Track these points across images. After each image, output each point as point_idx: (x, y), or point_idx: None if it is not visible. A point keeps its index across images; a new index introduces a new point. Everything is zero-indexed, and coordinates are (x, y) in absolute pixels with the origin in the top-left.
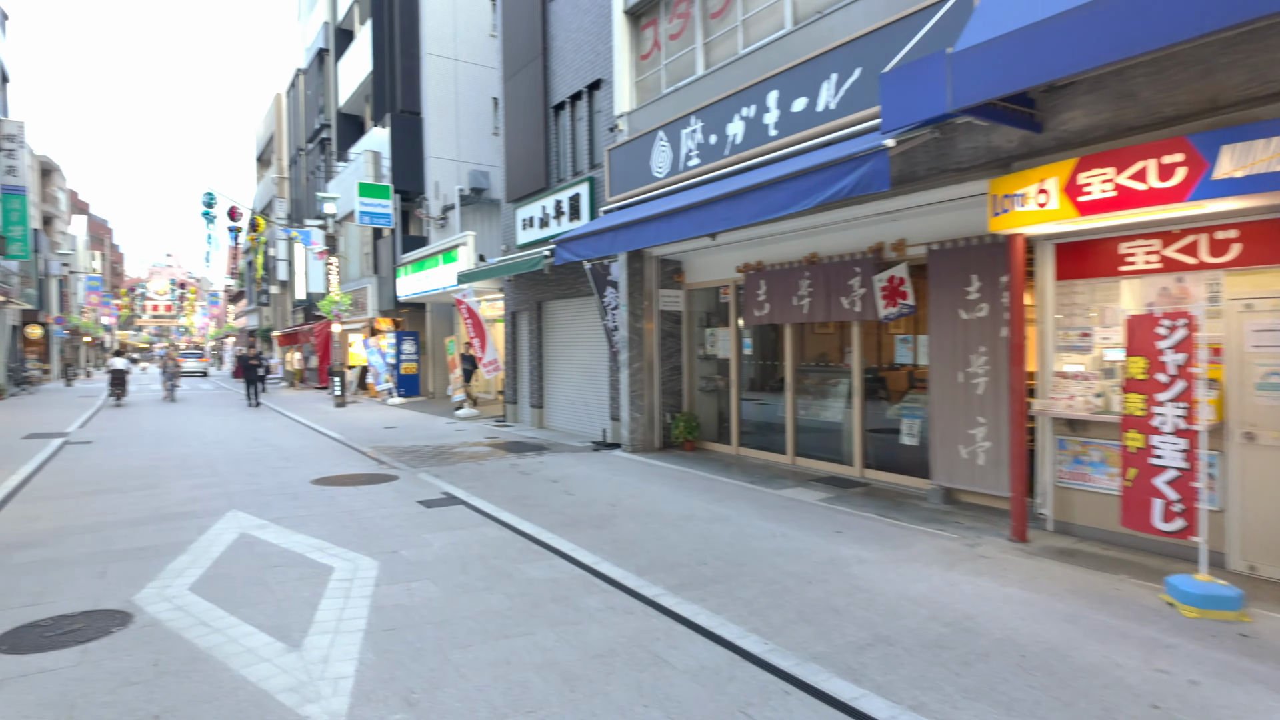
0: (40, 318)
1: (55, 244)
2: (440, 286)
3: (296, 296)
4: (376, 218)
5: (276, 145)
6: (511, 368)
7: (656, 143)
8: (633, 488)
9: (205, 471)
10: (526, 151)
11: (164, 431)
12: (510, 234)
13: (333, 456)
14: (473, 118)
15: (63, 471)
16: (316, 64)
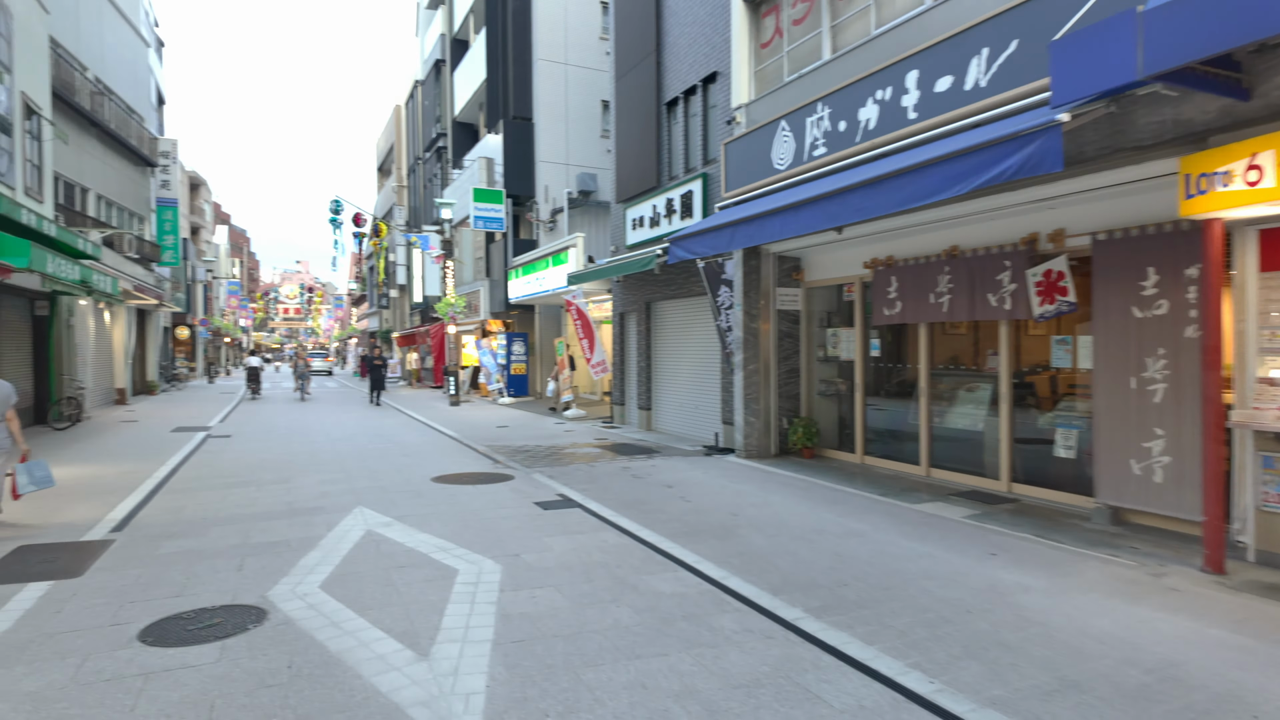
0: (188, 320)
1: (201, 252)
2: (550, 288)
3: (414, 300)
4: (490, 222)
5: (396, 155)
6: (619, 369)
7: (778, 133)
8: (753, 496)
9: (333, 467)
10: (637, 150)
11: (294, 427)
12: (619, 234)
13: (450, 454)
14: (582, 121)
15: (204, 464)
16: (433, 75)
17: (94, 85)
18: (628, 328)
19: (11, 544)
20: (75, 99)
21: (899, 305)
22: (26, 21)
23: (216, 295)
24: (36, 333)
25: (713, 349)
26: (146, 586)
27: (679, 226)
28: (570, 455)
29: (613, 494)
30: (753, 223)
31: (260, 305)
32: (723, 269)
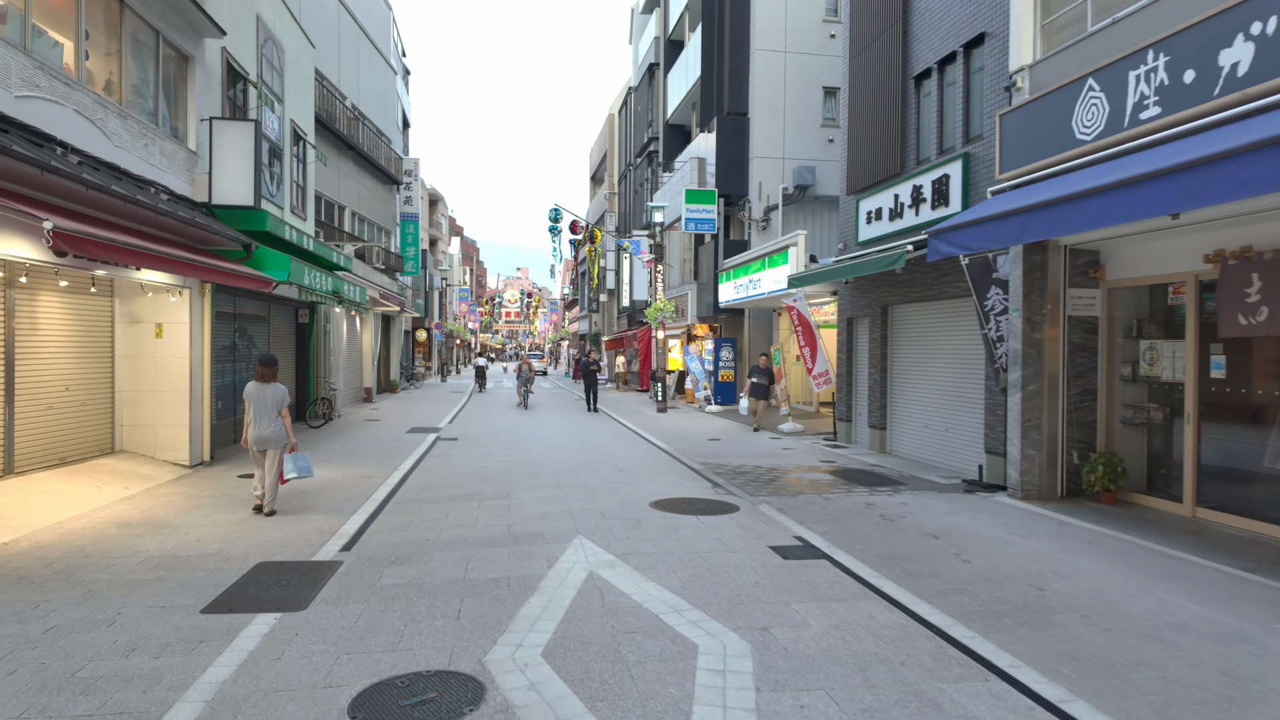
0: (425, 323)
1: (438, 261)
2: (765, 291)
3: (622, 304)
4: (701, 224)
5: (608, 163)
6: (845, 381)
7: (1082, 96)
8: (1054, 560)
9: (549, 481)
10: (876, 133)
11: (513, 432)
12: (849, 229)
13: (664, 472)
14: (799, 112)
15: (432, 471)
16: (646, 79)
17: (351, 112)
18: (857, 335)
19: (254, 560)
20: (335, 125)
21: (1264, 311)
22: (296, 56)
23: (450, 300)
24: (299, 338)
25: (972, 361)
26: (364, 633)
27: (931, 217)
28: (797, 482)
29: (862, 541)
30: (1055, 208)
31: (487, 309)
32: (994, 265)
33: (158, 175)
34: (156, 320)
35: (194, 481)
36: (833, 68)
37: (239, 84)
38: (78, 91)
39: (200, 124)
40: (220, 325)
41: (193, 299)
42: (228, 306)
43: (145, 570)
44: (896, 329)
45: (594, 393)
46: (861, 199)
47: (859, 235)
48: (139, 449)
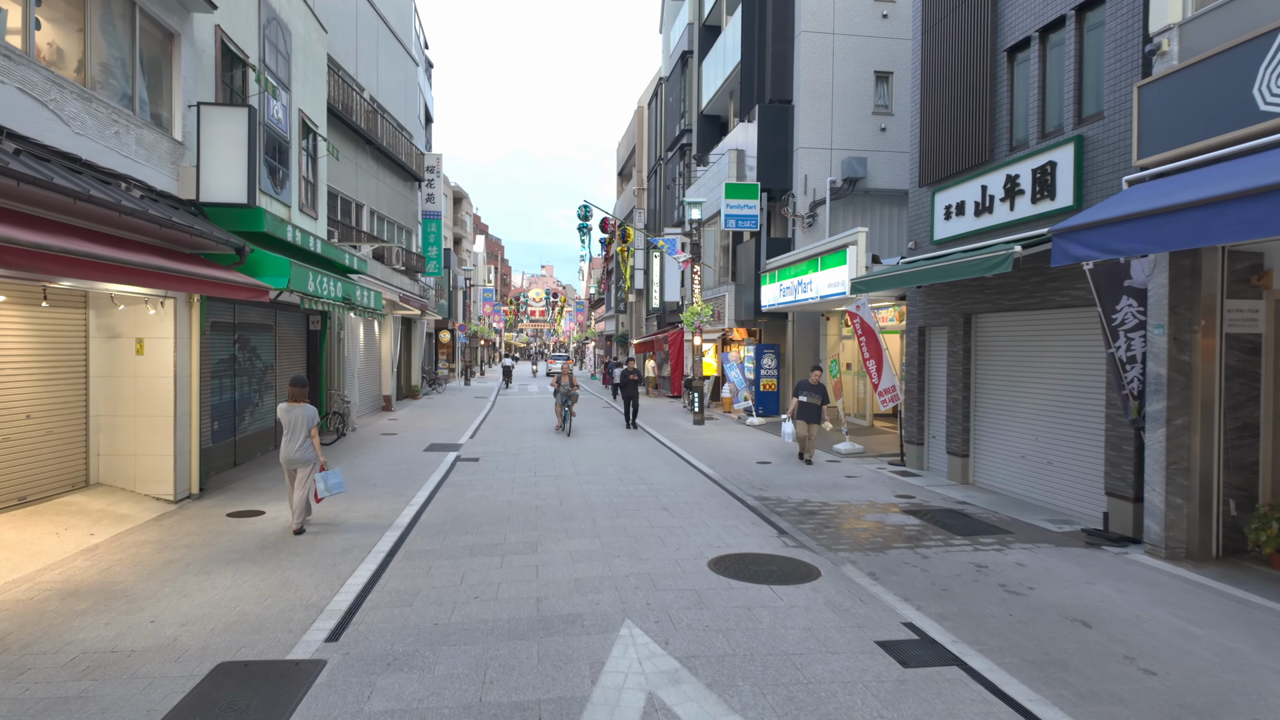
0: (449, 325)
1: (462, 261)
2: (818, 295)
3: (651, 305)
4: (742, 220)
5: (637, 158)
6: (915, 399)
7: (1271, 55)
8: (1257, 670)
9: (584, 524)
10: (956, 116)
11: (539, 450)
12: (921, 226)
13: (716, 510)
14: (849, 98)
15: (449, 505)
16: (679, 68)
17: (369, 105)
18: (931, 347)
19: (213, 657)
20: (352, 118)
21: None
22: (305, 40)
23: (474, 301)
24: (310, 347)
25: (1086, 384)
26: None
27: (1032, 213)
28: (876, 528)
29: (994, 632)
30: (1261, 200)
31: (511, 309)
32: (1127, 271)
33: (133, 169)
34: (137, 335)
35: (175, 523)
36: (885, 50)
37: (237, 69)
38: (23, 67)
39: (187, 111)
40: (217, 337)
41: (178, 310)
42: (226, 316)
43: (68, 678)
44: (984, 341)
45: (634, 406)
46: (938, 192)
47: (934, 233)
48: (118, 481)
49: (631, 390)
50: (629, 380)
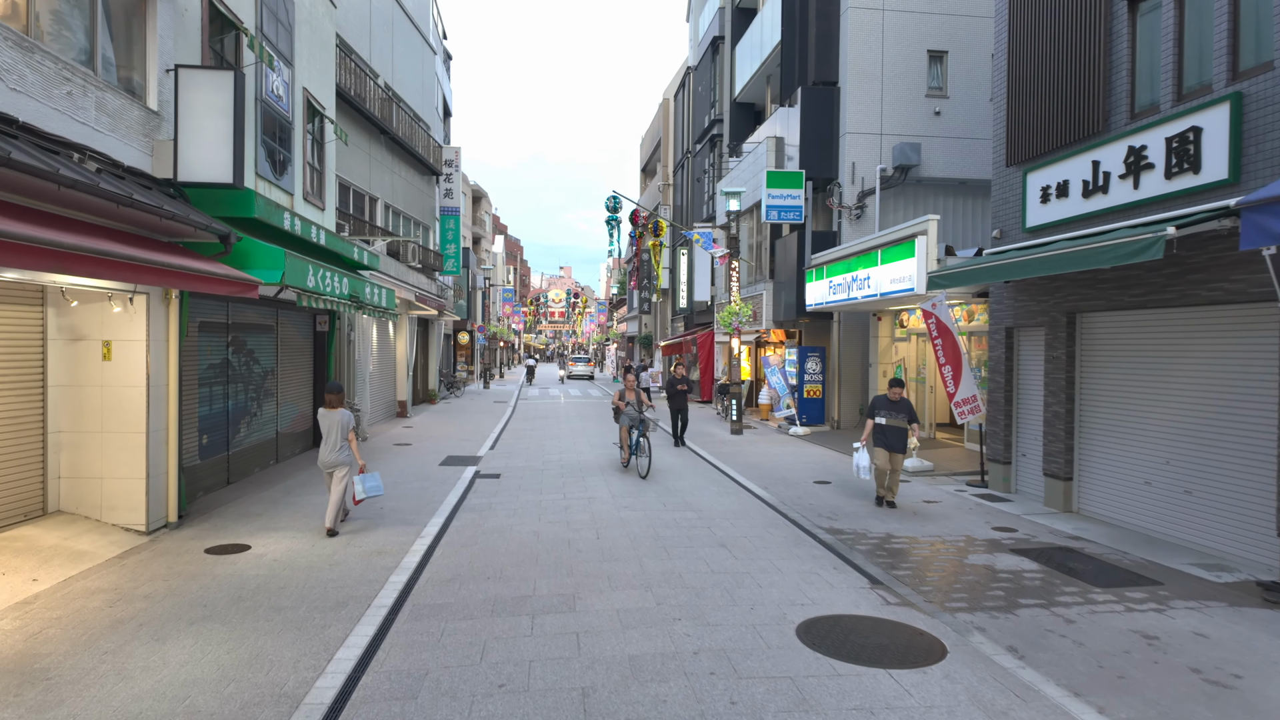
0: (467, 326)
1: (481, 261)
2: (880, 292)
3: (678, 305)
4: (785, 211)
5: (662, 152)
6: (1002, 411)
7: None
8: None
9: (629, 568)
10: (1054, 83)
11: (566, 465)
12: (1010, 211)
13: (784, 547)
14: (900, 80)
15: (466, 539)
16: (709, 56)
17: (384, 93)
18: (1021, 350)
19: None
20: (366, 106)
21: None
22: (311, 13)
23: (493, 301)
24: (316, 350)
25: (1247, 397)
26: None
27: (1167, 190)
28: (985, 572)
29: None
30: None
31: (531, 309)
32: None
33: (92, 138)
34: (104, 337)
35: (141, 563)
36: (940, 28)
37: (229, 34)
38: None
39: (164, 76)
40: (207, 339)
41: (152, 308)
42: (218, 315)
43: None
44: (1094, 344)
45: (683, 420)
46: (1031, 171)
47: (1026, 220)
48: (81, 509)
49: (681, 402)
50: (677, 390)
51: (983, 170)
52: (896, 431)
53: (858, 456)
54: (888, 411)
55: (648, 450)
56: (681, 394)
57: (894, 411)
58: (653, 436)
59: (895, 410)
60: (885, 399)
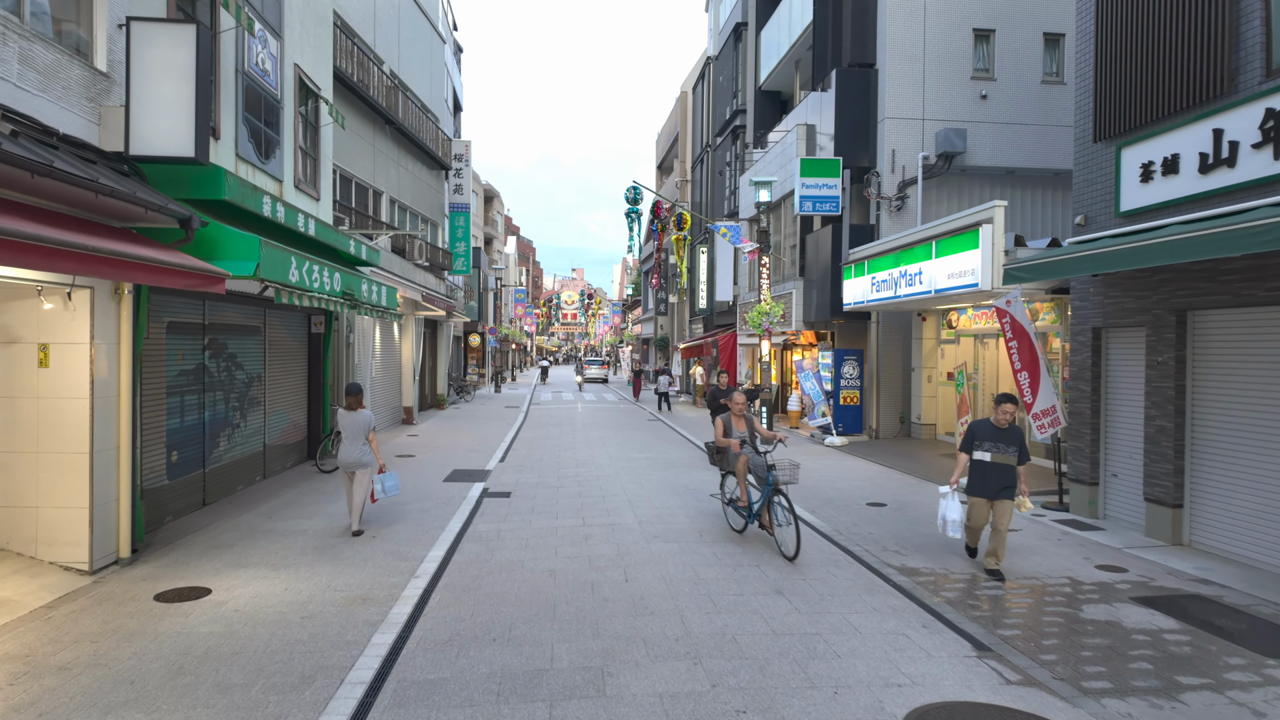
0: (478, 328)
1: (493, 261)
2: (933, 287)
3: (698, 305)
4: (821, 202)
5: (680, 147)
6: (1088, 424)
7: None
8: None
9: (669, 623)
10: (1159, 39)
11: (583, 479)
12: (1096, 194)
13: (855, 596)
14: (942, 61)
15: (470, 580)
16: (731, 43)
17: (390, 80)
18: (1110, 354)
19: None
20: (370, 93)
21: None
22: None
23: (505, 303)
24: (311, 353)
25: None
26: None
27: None
28: (1119, 634)
29: None
30: None
31: (544, 311)
32: None
33: (17, 99)
34: (40, 339)
35: (71, 617)
36: (985, 4)
37: None
38: None
39: (115, 33)
40: (178, 341)
41: (98, 305)
42: (191, 314)
43: None
44: (1211, 347)
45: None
46: (1128, 146)
47: (1121, 202)
48: (12, 544)
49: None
50: (721, 405)
51: (1032, 158)
52: (1003, 472)
53: (945, 506)
54: (994, 443)
55: (789, 517)
56: (724, 407)
57: (1002, 443)
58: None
59: (1004, 441)
60: (989, 426)
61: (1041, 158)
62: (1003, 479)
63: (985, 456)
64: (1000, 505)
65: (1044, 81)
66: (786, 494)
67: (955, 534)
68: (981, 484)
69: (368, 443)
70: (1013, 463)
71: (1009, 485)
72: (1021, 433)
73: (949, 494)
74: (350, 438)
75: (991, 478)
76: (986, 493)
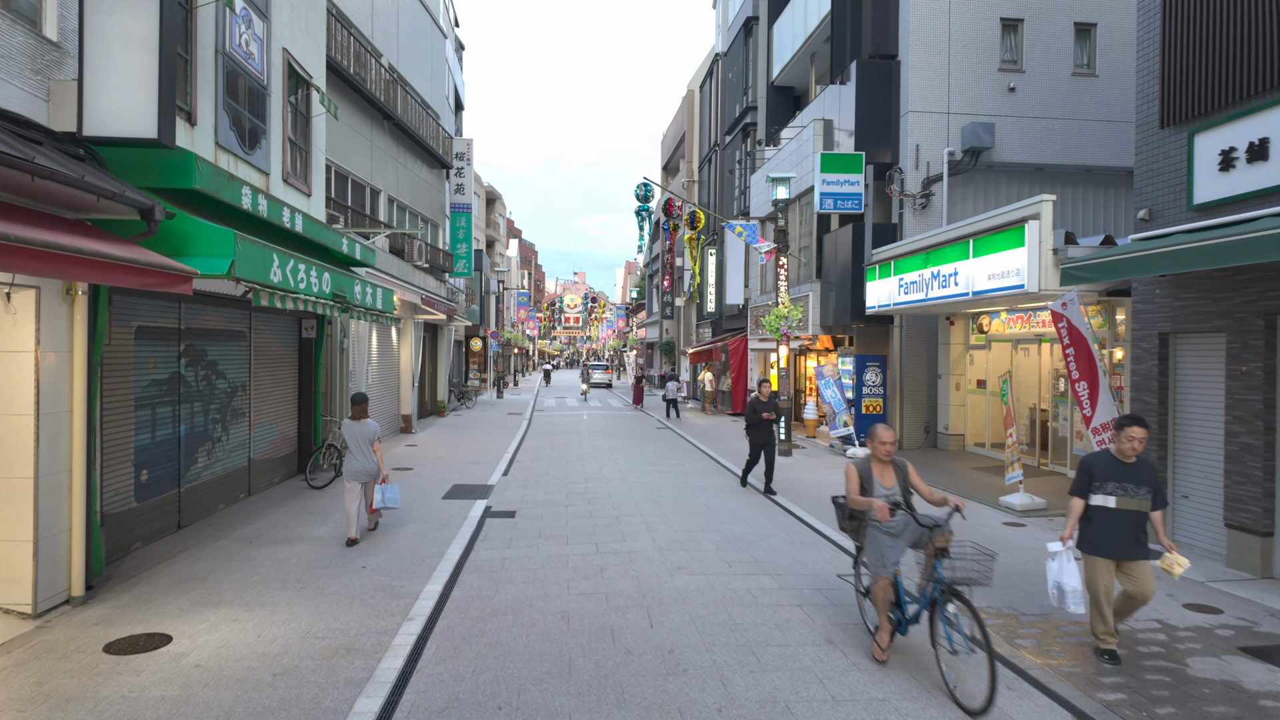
0: (480, 332)
1: (495, 264)
2: (971, 289)
3: (706, 308)
4: (843, 200)
5: (686, 147)
6: (1155, 440)
7: None
8: None
9: (708, 687)
10: (1242, 10)
11: (594, 500)
12: (1163, 185)
13: (926, 657)
14: (968, 52)
15: (471, 625)
16: (741, 39)
17: (388, 74)
18: (1180, 362)
19: None
20: (367, 86)
21: None
22: None
23: (507, 306)
24: (303, 359)
25: None
26: None
27: None
28: (1234, 694)
29: None
30: None
31: (546, 315)
32: None
33: None
34: None
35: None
36: None
37: None
38: None
39: None
40: (149, 348)
41: (44, 308)
42: (164, 318)
43: None
44: None
45: (769, 459)
46: (1202, 131)
47: (1194, 194)
48: None
49: (766, 434)
50: (762, 420)
51: (1063, 154)
52: (1132, 520)
53: (1057, 569)
54: (1118, 483)
55: (972, 642)
56: (767, 425)
57: (1131, 482)
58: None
59: (1133, 480)
60: (1109, 460)
61: (1073, 154)
62: (1133, 531)
63: (1108, 502)
64: (1136, 569)
65: (1075, 74)
66: (970, 601)
67: (1077, 608)
68: (1103, 539)
69: (373, 452)
70: (1145, 508)
71: (1141, 540)
72: (1154, 467)
73: (1061, 553)
74: (356, 449)
75: (1118, 530)
76: (1111, 550)
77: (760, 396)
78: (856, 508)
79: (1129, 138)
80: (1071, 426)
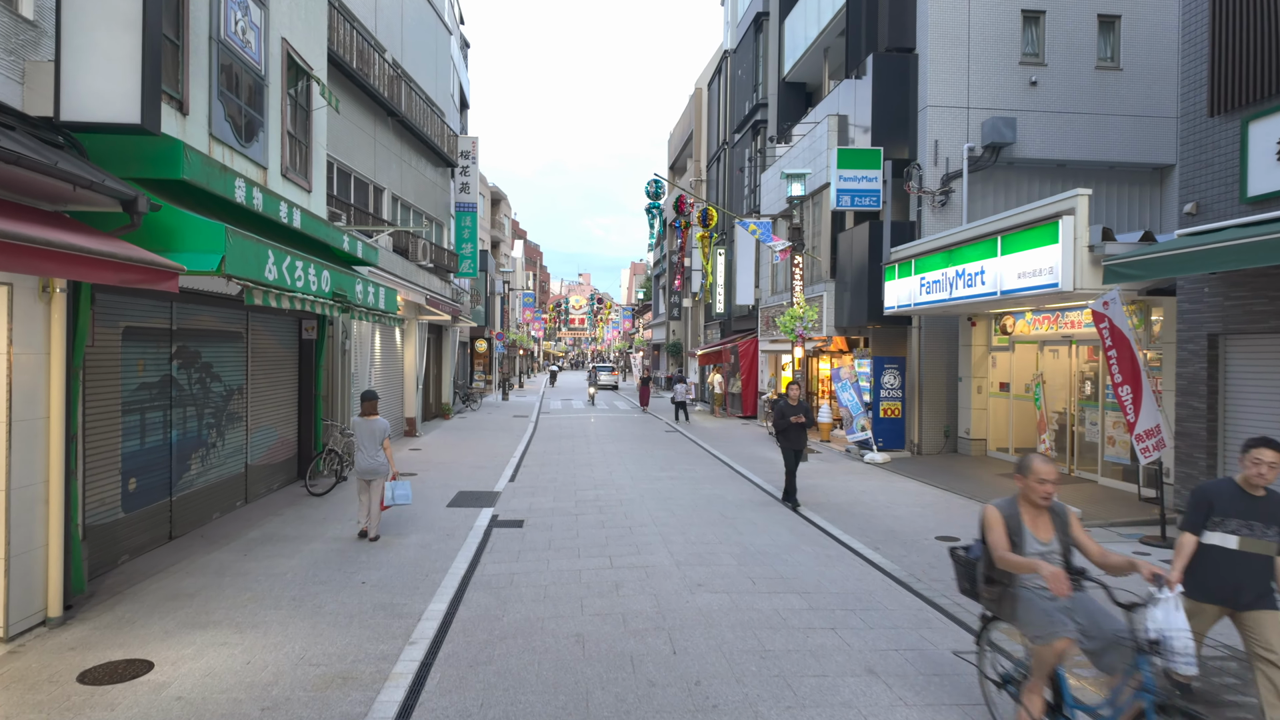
0: (485, 333)
1: (500, 265)
2: (999, 288)
3: (715, 309)
4: (861, 196)
5: (694, 146)
6: (1202, 446)
7: None
8: None
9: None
10: None
11: (606, 508)
12: (1213, 177)
13: (962, 675)
14: (988, 45)
15: (478, 652)
16: (750, 35)
17: (392, 70)
18: (1230, 365)
19: None
20: (370, 82)
21: None
22: None
23: (512, 307)
24: (303, 361)
25: None
26: None
27: None
28: None
29: None
30: None
31: (552, 316)
32: None
33: None
34: None
35: None
36: None
37: None
38: None
39: None
40: (137, 349)
41: (17, 306)
42: (155, 317)
43: None
44: None
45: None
46: (1257, 119)
47: (1249, 185)
48: None
49: (799, 440)
50: (791, 424)
51: (1086, 150)
52: (1257, 566)
53: (1160, 617)
54: (1244, 520)
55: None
56: (798, 429)
57: (1259, 520)
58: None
59: (1262, 518)
60: (1233, 490)
61: (1096, 149)
62: (1258, 577)
63: (1229, 542)
64: (1259, 620)
65: (1099, 67)
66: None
67: (1189, 668)
68: (1216, 583)
69: (382, 450)
70: (1272, 552)
71: (1267, 589)
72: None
73: (1168, 600)
74: (364, 446)
75: (1238, 574)
76: (1224, 598)
77: (790, 400)
78: (1008, 569)
79: (1155, 133)
80: (1102, 432)
